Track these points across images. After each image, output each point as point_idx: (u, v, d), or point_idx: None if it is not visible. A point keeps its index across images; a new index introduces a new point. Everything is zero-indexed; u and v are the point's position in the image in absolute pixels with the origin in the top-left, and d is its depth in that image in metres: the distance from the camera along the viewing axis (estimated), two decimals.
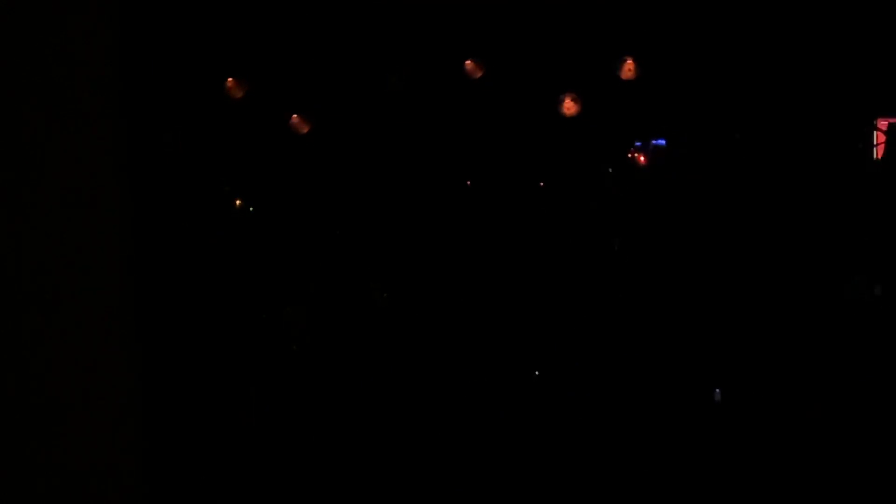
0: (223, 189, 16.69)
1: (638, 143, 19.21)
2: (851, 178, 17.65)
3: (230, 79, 16.82)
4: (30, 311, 3.00)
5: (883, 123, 18.07)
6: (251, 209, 16.81)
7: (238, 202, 16.75)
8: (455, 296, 13.73)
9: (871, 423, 8.84)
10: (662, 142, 19.49)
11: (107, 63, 3.06)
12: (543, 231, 16.53)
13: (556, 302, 14.00)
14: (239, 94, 16.70)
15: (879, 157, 18.20)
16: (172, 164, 15.03)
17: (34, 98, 2.96)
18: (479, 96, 18.81)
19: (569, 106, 19.87)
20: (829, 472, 8.79)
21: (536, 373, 11.44)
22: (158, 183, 14.12)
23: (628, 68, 19.82)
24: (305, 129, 17.19)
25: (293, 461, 8.86)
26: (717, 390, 10.12)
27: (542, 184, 17.43)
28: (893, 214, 17.12)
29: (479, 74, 19.03)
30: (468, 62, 18.84)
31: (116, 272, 3.16)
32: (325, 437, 10.32)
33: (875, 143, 18.16)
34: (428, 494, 8.72)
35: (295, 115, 17.01)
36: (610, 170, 18.26)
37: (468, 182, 17.00)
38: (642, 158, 18.40)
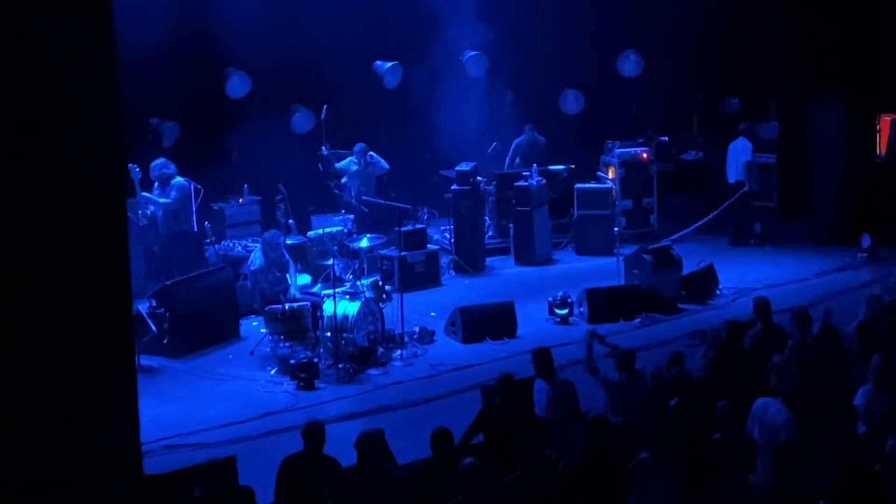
0: None
1: (640, 140, 19.18)
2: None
3: None
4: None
5: (885, 120, 18.10)
6: None
7: None
8: None
9: None
10: (665, 138, 19.50)
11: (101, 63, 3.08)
12: None
13: None
14: None
15: (882, 151, 18.24)
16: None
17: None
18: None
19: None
20: None
21: None
22: None
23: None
24: None
25: None
26: None
27: None
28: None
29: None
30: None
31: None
32: None
33: (878, 138, 18.18)
34: None
35: None
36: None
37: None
38: (645, 156, 18.40)
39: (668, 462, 7.88)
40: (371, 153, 17.07)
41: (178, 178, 14.85)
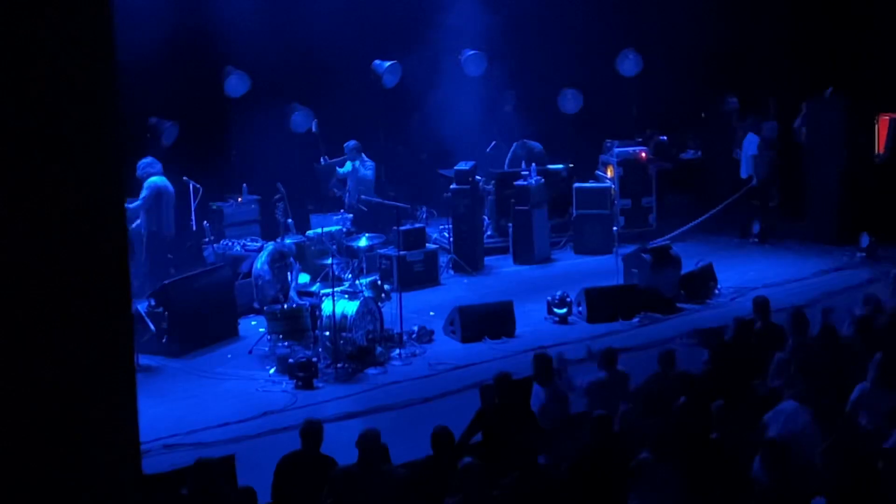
0: None
1: (639, 139, 19.16)
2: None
3: None
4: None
5: (884, 118, 18.10)
6: None
7: None
8: None
9: None
10: (664, 138, 19.49)
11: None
12: None
13: None
14: None
15: (881, 150, 18.24)
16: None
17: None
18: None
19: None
20: None
21: None
22: None
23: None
24: None
25: None
26: None
27: None
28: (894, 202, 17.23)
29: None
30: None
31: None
32: None
33: (877, 136, 18.19)
34: None
35: None
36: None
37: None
38: (644, 155, 18.39)
39: (668, 462, 7.87)
40: (362, 155, 17.06)
41: (153, 178, 14.80)
